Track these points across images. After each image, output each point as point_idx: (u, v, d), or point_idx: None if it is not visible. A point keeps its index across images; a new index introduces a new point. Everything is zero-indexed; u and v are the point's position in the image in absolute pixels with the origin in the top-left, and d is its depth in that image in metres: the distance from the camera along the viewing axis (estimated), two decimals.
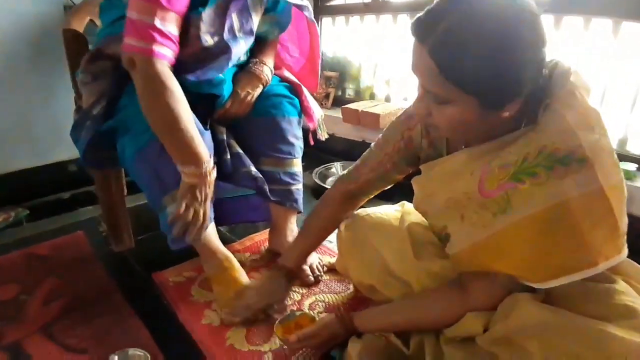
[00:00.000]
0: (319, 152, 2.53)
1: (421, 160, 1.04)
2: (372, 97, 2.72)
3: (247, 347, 1.13)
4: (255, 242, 1.65)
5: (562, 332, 0.78)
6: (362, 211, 1.23)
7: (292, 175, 1.46)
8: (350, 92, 2.87)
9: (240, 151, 1.36)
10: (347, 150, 2.59)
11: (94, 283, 1.41)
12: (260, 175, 1.37)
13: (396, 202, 1.27)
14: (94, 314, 1.26)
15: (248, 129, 1.41)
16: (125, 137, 1.18)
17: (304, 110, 1.50)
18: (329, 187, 2.10)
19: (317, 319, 1.10)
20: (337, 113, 2.61)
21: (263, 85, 1.40)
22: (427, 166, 0.98)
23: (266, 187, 1.38)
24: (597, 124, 0.77)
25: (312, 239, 1.26)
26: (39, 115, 1.97)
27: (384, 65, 2.60)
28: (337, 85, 2.84)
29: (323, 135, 1.60)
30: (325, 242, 1.59)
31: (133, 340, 1.15)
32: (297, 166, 1.48)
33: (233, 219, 1.61)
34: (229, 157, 1.34)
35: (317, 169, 2.29)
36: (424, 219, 1.10)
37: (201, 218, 1.18)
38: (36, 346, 1.14)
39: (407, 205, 1.23)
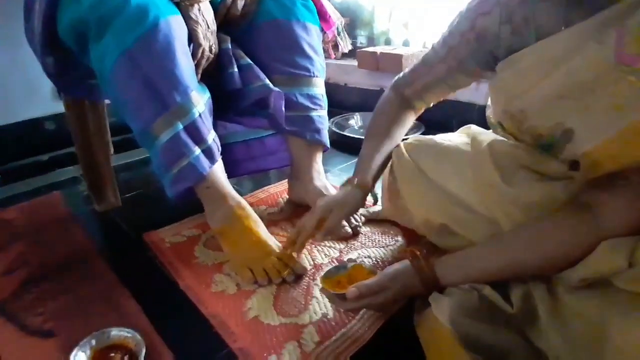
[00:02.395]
0: (330, 106, 2.26)
1: (500, 57, 0.76)
2: (387, 42, 2.45)
3: (277, 320, 0.82)
4: (271, 195, 1.33)
5: None
6: (413, 139, 0.94)
7: (312, 99, 1.14)
8: (362, 39, 2.58)
9: (251, 62, 1.05)
10: (363, 101, 2.31)
11: (69, 248, 1.10)
12: (279, 90, 1.05)
13: None
14: (67, 285, 0.95)
15: (252, 39, 1.10)
16: (106, 38, 0.86)
17: (318, 15, 1.18)
18: (348, 135, 1.85)
19: (377, 272, 0.79)
20: (349, 62, 2.35)
21: None
22: (513, 59, 0.71)
23: (283, 107, 1.07)
24: None
25: (380, 143, 0.93)
26: (6, 67, 1.69)
27: (400, 7, 2.31)
28: (347, 32, 2.53)
29: (345, 47, 1.27)
30: None
31: (118, 316, 0.85)
32: (319, 87, 1.16)
33: (246, 168, 1.29)
34: (235, 69, 1.03)
35: (333, 119, 1.99)
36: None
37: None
38: None
39: (475, 128, 0.95)
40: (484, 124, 0.94)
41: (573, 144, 0.67)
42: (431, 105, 0.95)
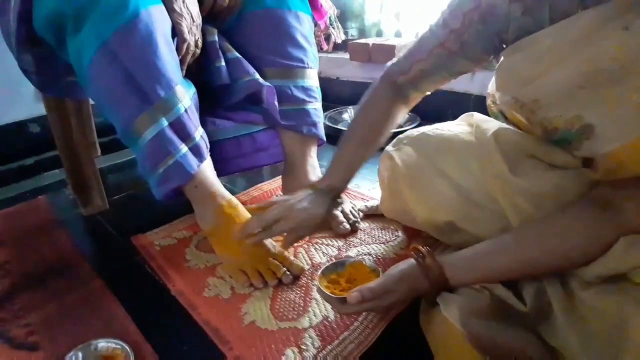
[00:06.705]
0: (323, 100, 2.23)
1: (508, 39, 0.69)
2: (379, 34, 2.39)
3: (276, 325, 0.77)
4: (264, 192, 1.29)
5: None
6: (413, 130, 0.88)
7: (307, 91, 1.09)
8: (353, 32, 2.52)
9: (239, 56, 1.00)
10: (356, 95, 2.21)
11: (54, 254, 1.05)
12: (270, 85, 1.00)
13: None
14: (52, 294, 0.90)
15: (241, 30, 1.05)
16: (83, 31, 0.81)
17: (310, 4, 1.13)
18: (342, 129, 1.80)
19: (380, 270, 0.74)
20: (340, 56, 2.29)
21: None
22: (525, 42, 0.64)
23: (276, 103, 1.02)
24: None
25: (361, 145, 0.88)
26: None
27: None
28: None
29: (338, 37, 1.22)
30: (353, 186, 1.26)
31: (106, 326, 0.80)
32: (313, 79, 1.12)
33: (238, 165, 1.22)
34: (223, 64, 0.98)
35: (327, 113, 1.93)
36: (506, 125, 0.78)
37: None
38: None
39: (478, 116, 0.87)
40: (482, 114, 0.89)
41: (593, 142, 0.61)
42: (426, 94, 0.88)
